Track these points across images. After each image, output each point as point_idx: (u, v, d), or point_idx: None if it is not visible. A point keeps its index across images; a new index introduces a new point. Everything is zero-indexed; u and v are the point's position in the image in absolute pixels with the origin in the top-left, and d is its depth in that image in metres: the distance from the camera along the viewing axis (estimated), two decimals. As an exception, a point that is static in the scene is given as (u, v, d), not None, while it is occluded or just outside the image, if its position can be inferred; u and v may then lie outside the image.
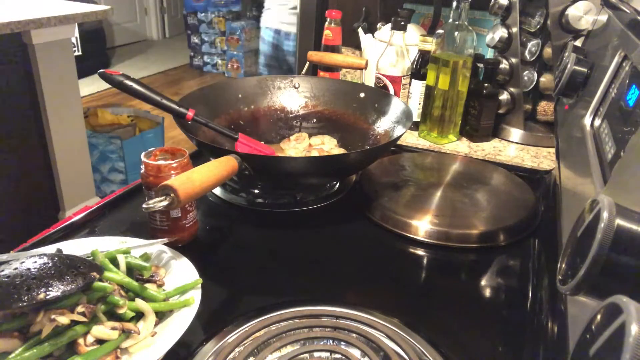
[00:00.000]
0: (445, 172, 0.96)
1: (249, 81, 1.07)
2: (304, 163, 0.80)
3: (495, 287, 0.72)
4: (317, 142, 1.01)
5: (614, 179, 0.44)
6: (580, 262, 0.33)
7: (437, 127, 1.14)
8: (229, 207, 0.87)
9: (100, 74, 0.79)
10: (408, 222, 0.79)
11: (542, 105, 1.16)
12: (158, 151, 0.72)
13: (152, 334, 0.53)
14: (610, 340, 0.25)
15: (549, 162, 1.08)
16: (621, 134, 0.48)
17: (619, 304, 0.25)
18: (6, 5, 2.00)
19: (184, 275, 0.60)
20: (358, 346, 0.54)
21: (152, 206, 0.56)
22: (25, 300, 0.46)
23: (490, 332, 0.63)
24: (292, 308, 0.60)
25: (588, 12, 0.95)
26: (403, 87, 1.13)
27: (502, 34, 1.12)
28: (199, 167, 0.63)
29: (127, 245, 0.64)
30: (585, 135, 0.60)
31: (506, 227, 0.80)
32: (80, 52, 2.42)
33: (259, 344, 0.54)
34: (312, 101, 1.07)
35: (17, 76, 1.97)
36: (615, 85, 0.58)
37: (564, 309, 0.46)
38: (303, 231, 0.83)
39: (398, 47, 1.10)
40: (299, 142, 1.00)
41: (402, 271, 0.74)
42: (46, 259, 0.51)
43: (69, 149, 2.18)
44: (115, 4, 4.61)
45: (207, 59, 5.18)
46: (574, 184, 0.60)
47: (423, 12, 1.50)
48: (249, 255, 0.76)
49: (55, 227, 0.76)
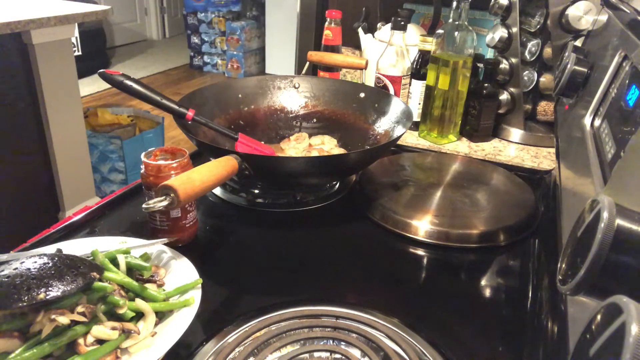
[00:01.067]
0: (445, 172, 0.96)
1: (249, 81, 1.07)
2: (304, 163, 0.80)
3: (495, 287, 0.72)
4: (317, 142, 1.01)
5: (614, 179, 0.44)
6: (580, 262, 0.33)
7: (437, 127, 1.14)
8: (229, 207, 0.87)
9: (100, 74, 0.79)
10: (408, 222, 0.79)
11: (542, 105, 1.16)
12: (158, 151, 0.72)
13: (152, 334, 0.53)
14: (610, 341, 0.25)
15: (549, 162, 1.08)
16: (621, 134, 0.48)
17: (619, 304, 0.25)
18: (6, 5, 2.00)
19: (184, 275, 0.60)
20: (358, 346, 0.54)
21: (152, 206, 0.56)
22: (25, 300, 0.46)
23: (490, 332, 0.63)
24: (292, 308, 0.60)
25: (588, 12, 0.95)
26: (403, 87, 1.13)
27: (502, 34, 1.12)
28: (199, 167, 0.63)
29: (127, 245, 0.64)
30: (585, 135, 0.60)
31: (506, 227, 0.80)
32: (80, 52, 2.42)
33: (259, 344, 0.54)
34: (312, 101, 1.07)
35: (17, 76, 1.97)
36: (615, 85, 0.58)
37: (564, 309, 0.46)
38: (303, 231, 0.83)
39: (398, 47, 1.10)
40: (298, 142, 1.00)
41: (402, 271, 0.74)
42: (46, 259, 0.51)
43: (69, 149, 2.18)
44: (115, 4, 4.62)
45: (207, 59, 5.18)
46: (574, 184, 0.60)
47: (423, 12, 1.51)
48: (249, 255, 0.75)
49: (55, 227, 0.76)
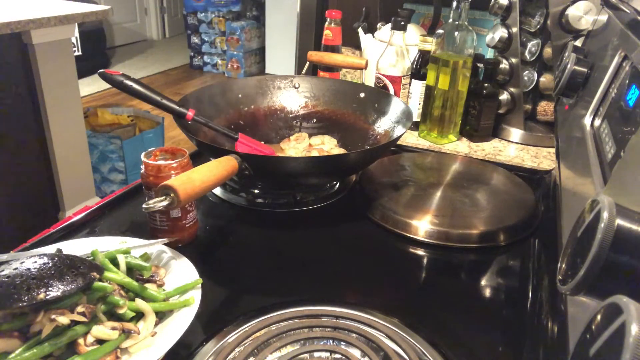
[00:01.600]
0: (445, 172, 0.96)
1: (249, 81, 1.07)
2: (304, 163, 0.80)
3: (495, 287, 0.72)
4: (317, 142, 1.01)
5: (614, 179, 0.44)
6: (580, 262, 0.33)
7: (437, 127, 1.14)
8: (229, 207, 0.87)
9: (100, 74, 0.79)
10: (408, 222, 0.79)
11: (542, 105, 1.16)
12: (158, 151, 0.72)
13: (152, 334, 0.53)
14: (610, 340, 0.25)
15: (549, 162, 1.08)
16: (621, 134, 0.48)
17: (619, 304, 0.25)
18: (6, 5, 2.00)
19: (184, 275, 0.60)
20: (358, 346, 0.54)
21: (152, 206, 0.56)
22: (25, 300, 0.46)
23: (490, 332, 0.63)
24: (292, 308, 0.60)
25: (588, 12, 0.95)
26: (403, 87, 1.13)
27: (502, 34, 1.12)
28: (199, 167, 0.63)
29: (127, 245, 0.64)
30: (585, 135, 0.60)
31: (506, 227, 0.80)
32: (80, 52, 2.42)
33: (259, 344, 0.54)
34: (312, 101, 1.07)
35: (17, 76, 1.97)
36: (615, 85, 0.58)
37: (564, 309, 0.46)
38: (303, 231, 0.83)
39: (398, 47, 1.10)
40: (298, 142, 1.00)
41: (402, 271, 0.74)
42: (46, 259, 0.51)
43: (69, 149, 2.18)
44: (115, 4, 4.62)
45: (207, 59, 5.18)
46: (574, 184, 0.60)
47: (423, 12, 1.51)
48: (249, 255, 0.75)
49: (55, 227, 0.76)
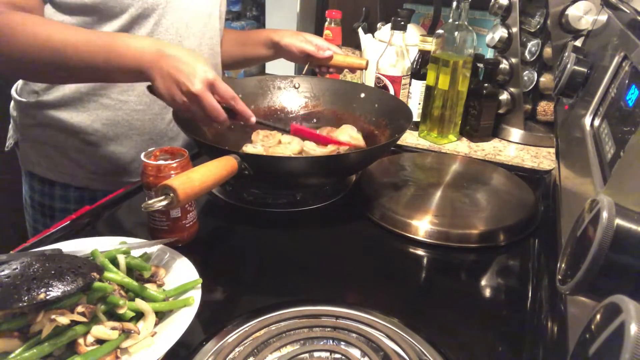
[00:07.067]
0: (445, 172, 0.96)
1: (249, 81, 1.07)
2: (304, 163, 0.80)
3: (495, 287, 0.72)
4: (343, 136, 0.94)
5: (614, 179, 0.44)
6: (580, 262, 0.33)
7: (437, 127, 1.14)
8: (229, 207, 0.87)
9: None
10: (408, 222, 0.79)
11: (542, 105, 1.16)
12: (158, 151, 0.72)
13: (152, 334, 0.53)
14: (610, 340, 0.25)
15: (549, 162, 1.09)
16: (621, 134, 0.48)
17: (619, 304, 0.25)
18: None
19: (184, 275, 0.60)
20: (358, 346, 0.54)
21: (152, 205, 0.56)
22: (25, 300, 0.46)
23: (490, 332, 0.63)
24: (292, 308, 0.60)
25: (588, 12, 0.95)
26: (403, 87, 1.13)
27: (502, 34, 1.12)
28: (199, 167, 0.63)
29: (127, 245, 0.64)
30: (585, 135, 0.60)
31: (506, 227, 0.80)
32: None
33: (259, 344, 0.54)
34: (312, 101, 1.07)
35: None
36: (615, 85, 0.58)
37: (564, 309, 0.46)
38: (303, 231, 0.83)
39: (398, 47, 1.10)
40: (269, 139, 0.94)
41: (402, 271, 0.74)
42: (46, 259, 0.51)
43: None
44: (116, 4, 4.62)
45: (207, 59, 5.17)
46: (574, 184, 0.60)
47: (423, 12, 1.51)
48: (249, 255, 0.75)
49: (55, 227, 0.76)
